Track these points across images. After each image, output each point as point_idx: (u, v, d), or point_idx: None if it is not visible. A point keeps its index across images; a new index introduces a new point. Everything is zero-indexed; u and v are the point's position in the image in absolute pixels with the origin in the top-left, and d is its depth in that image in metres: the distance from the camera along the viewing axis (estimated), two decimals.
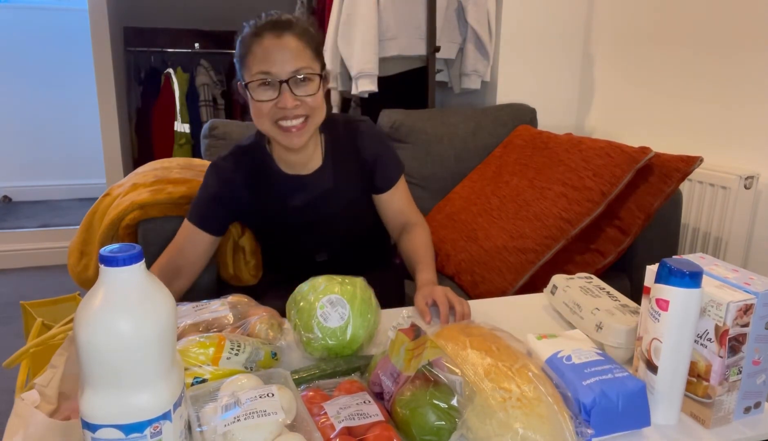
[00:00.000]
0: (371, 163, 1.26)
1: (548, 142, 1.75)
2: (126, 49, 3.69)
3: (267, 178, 1.23)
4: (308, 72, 1.08)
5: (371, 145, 1.26)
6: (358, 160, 1.26)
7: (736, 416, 0.78)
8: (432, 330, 0.82)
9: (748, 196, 1.65)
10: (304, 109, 1.10)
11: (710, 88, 1.79)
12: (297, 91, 1.08)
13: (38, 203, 4.11)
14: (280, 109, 1.08)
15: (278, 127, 1.11)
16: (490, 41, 2.19)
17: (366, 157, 1.26)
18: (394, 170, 1.29)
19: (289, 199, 1.24)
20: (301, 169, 1.23)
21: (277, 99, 1.08)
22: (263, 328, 0.89)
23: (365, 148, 1.26)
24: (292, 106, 1.08)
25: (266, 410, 0.65)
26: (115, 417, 0.57)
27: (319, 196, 1.24)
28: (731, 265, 0.82)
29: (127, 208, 1.29)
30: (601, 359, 0.78)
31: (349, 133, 1.26)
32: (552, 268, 1.48)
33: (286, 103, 1.07)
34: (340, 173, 1.25)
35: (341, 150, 1.25)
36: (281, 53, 1.06)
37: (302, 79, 1.08)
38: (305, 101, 1.09)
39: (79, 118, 4.12)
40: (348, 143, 1.26)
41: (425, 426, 0.68)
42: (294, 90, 1.07)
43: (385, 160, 1.27)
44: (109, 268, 0.56)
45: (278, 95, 1.08)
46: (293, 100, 1.07)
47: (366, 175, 1.27)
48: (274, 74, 1.07)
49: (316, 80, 1.10)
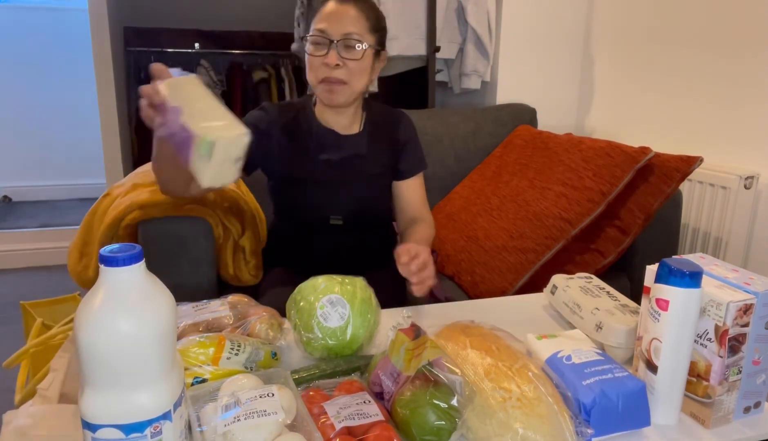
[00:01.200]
0: (402, 145, 1.36)
1: (548, 142, 1.75)
2: (126, 49, 3.68)
3: (306, 127, 1.31)
4: (358, 38, 1.19)
5: (407, 131, 1.38)
6: (392, 141, 1.36)
7: (736, 416, 0.79)
8: (432, 330, 0.82)
9: (748, 196, 1.65)
10: (346, 71, 1.19)
11: (710, 89, 1.79)
12: (343, 53, 1.18)
13: (38, 203, 4.11)
14: (325, 66, 1.19)
15: (321, 83, 1.21)
16: (490, 41, 2.19)
17: (399, 138, 1.36)
18: (418, 162, 1.39)
19: (321, 152, 1.30)
20: (340, 129, 1.32)
21: (325, 56, 1.18)
22: (263, 328, 0.89)
23: (401, 131, 1.37)
24: (334, 63, 1.18)
25: (266, 410, 0.65)
26: (115, 417, 0.57)
27: (349, 157, 1.31)
28: (731, 265, 0.82)
29: (127, 208, 1.29)
30: (601, 359, 0.78)
31: (391, 115, 1.39)
32: (552, 268, 1.48)
33: (330, 60, 1.18)
34: (373, 145, 1.33)
35: (380, 128, 1.36)
36: (339, 16, 1.18)
37: (351, 43, 1.18)
38: (347, 64, 1.19)
39: (79, 118, 4.12)
40: (387, 124, 1.37)
41: (425, 426, 0.68)
42: (341, 51, 1.18)
43: (414, 149, 1.38)
44: (109, 268, 0.56)
45: (326, 52, 1.18)
46: (336, 59, 1.18)
47: (395, 158, 1.36)
48: (327, 33, 1.18)
49: (363, 48, 1.19)
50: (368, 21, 1.21)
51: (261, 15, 3.95)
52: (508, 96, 2.25)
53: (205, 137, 0.79)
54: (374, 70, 1.27)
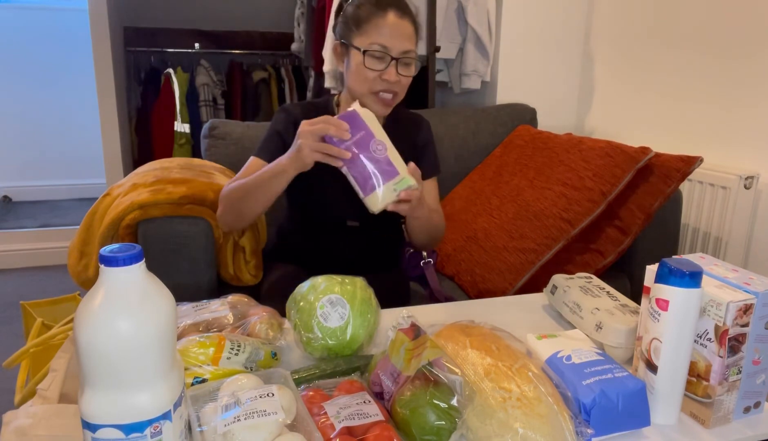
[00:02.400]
0: (421, 148, 1.38)
1: (548, 142, 1.75)
2: (126, 49, 3.68)
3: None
4: (414, 56, 1.23)
5: (426, 134, 1.41)
6: (412, 144, 1.37)
7: (736, 416, 0.79)
8: (432, 330, 0.82)
9: (748, 196, 1.65)
10: (399, 86, 1.23)
11: (710, 89, 1.79)
12: (401, 69, 1.21)
13: (38, 203, 4.11)
14: (384, 81, 1.20)
15: (374, 94, 1.23)
16: (490, 41, 2.19)
17: (419, 141, 1.39)
18: (433, 166, 1.40)
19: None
20: None
21: (383, 71, 1.20)
22: (263, 328, 0.89)
23: (421, 134, 1.40)
24: (394, 80, 1.21)
25: (266, 410, 0.65)
26: (115, 417, 0.57)
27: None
28: (731, 265, 0.82)
29: (127, 208, 1.29)
30: (601, 359, 0.78)
31: (412, 118, 1.42)
32: (552, 268, 1.48)
33: (390, 77, 1.20)
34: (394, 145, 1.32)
35: (401, 128, 1.35)
36: (399, 33, 1.20)
37: (409, 62, 1.22)
38: (401, 80, 1.22)
39: (79, 118, 4.11)
40: (408, 126, 1.39)
41: (425, 426, 0.68)
42: (399, 69, 1.21)
43: (431, 153, 1.41)
44: (109, 268, 0.56)
45: (385, 68, 1.20)
46: (395, 76, 1.21)
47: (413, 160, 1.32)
48: (390, 50, 1.19)
49: (417, 64, 1.25)
50: (417, 35, 1.26)
51: (261, 15, 3.95)
52: (508, 96, 2.25)
53: (406, 178, 1.03)
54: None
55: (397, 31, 1.20)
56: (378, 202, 1.01)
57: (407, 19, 1.22)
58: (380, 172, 1.02)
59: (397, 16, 1.21)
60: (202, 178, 1.42)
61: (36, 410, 0.69)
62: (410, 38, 1.22)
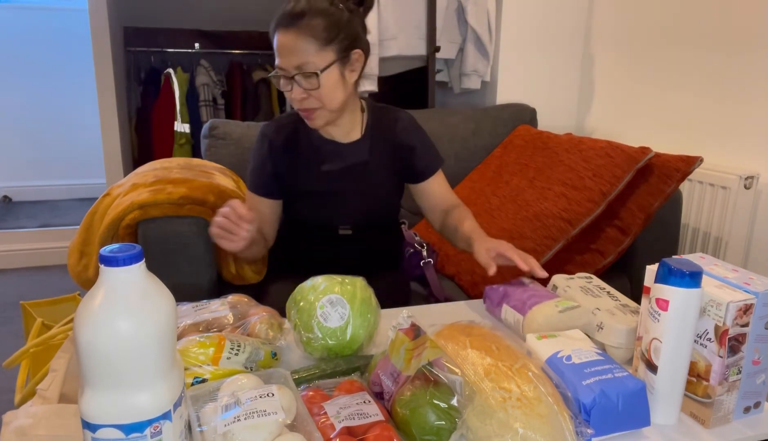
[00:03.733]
0: (408, 149, 1.32)
1: (548, 142, 1.75)
2: (126, 49, 3.68)
3: (306, 140, 1.29)
4: (312, 68, 1.12)
5: (410, 131, 1.34)
6: (395, 143, 1.32)
7: (736, 416, 0.79)
8: (432, 330, 0.82)
9: (748, 196, 1.65)
10: (312, 101, 1.16)
11: (710, 88, 1.79)
12: (304, 84, 1.14)
13: (38, 203, 4.11)
14: (294, 100, 1.16)
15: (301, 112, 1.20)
16: (490, 41, 2.19)
17: (403, 141, 1.32)
18: (435, 158, 1.36)
19: (324, 163, 1.28)
20: (340, 137, 1.29)
21: (291, 92, 1.15)
22: (263, 328, 0.89)
23: (404, 133, 1.33)
24: (299, 99, 1.15)
25: (266, 410, 0.65)
26: (115, 417, 0.57)
27: (352, 166, 1.29)
28: (731, 265, 0.82)
29: (127, 208, 1.29)
30: (601, 359, 0.78)
31: (391, 117, 1.34)
32: (552, 268, 1.48)
33: (294, 96, 1.15)
34: (375, 150, 1.30)
35: (381, 130, 1.32)
36: (286, 50, 1.12)
37: (307, 75, 1.12)
38: (311, 94, 1.14)
39: (79, 118, 4.11)
40: (388, 126, 1.33)
41: (425, 426, 0.68)
42: (302, 84, 1.14)
43: (426, 149, 1.34)
44: (109, 268, 0.56)
45: (290, 88, 1.15)
46: (300, 94, 1.14)
47: (401, 159, 1.33)
48: (284, 70, 1.14)
49: (319, 74, 1.12)
50: (317, 39, 1.11)
51: (261, 15, 3.94)
52: (508, 96, 2.25)
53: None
54: (350, 75, 1.19)
55: (285, 48, 1.12)
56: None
57: (293, 30, 1.11)
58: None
59: (282, 32, 1.12)
60: (202, 178, 1.42)
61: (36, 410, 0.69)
62: (301, 50, 1.11)
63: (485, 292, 1.11)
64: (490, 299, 1.09)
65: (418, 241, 1.60)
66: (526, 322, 0.96)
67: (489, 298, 1.09)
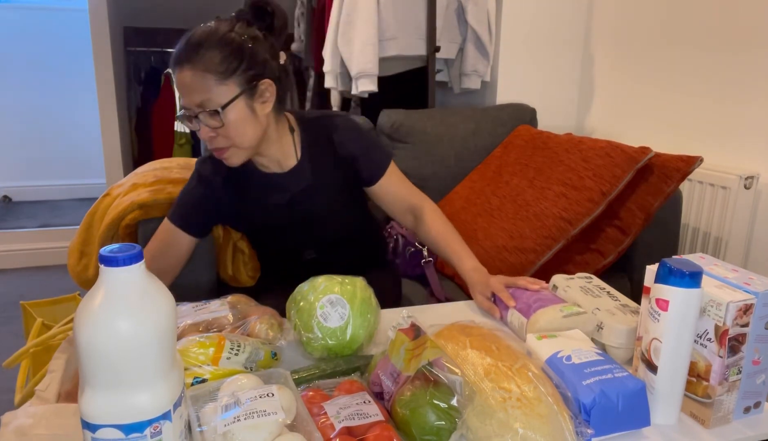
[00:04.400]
0: (351, 159, 1.23)
1: (548, 142, 1.75)
2: (126, 49, 3.68)
3: (246, 178, 1.21)
4: (213, 105, 1.02)
5: (348, 140, 1.23)
6: (336, 155, 1.23)
7: (736, 416, 0.79)
8: (432, 330, 0.82)
9: (748, 196, 1.64)
10: (221, 141, 1.06)
11: (710, 88, 1.79)
12: (209, 122, 1.04)
13: (38, 203, 4.11)
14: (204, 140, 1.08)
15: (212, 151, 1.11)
16: (490, 41, 2.19)
17: (343, 152, 1.23)
18: (380, 159, 1.26)
19: (269, 198, 1.22)
20: (276, 168, 1.21)
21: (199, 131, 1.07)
22: (263, 328, 0.89)
23: (342, 144, 1.23)
24: (207, 138, 1.06)
25: (266, 410, 0.65)
26: (115, 417, 0.57)
27: (298, 193, 1.22)
28: (731, 265, 0.82)
29: (127, 208, 1.29)
30: (601, 359, 0.78)
31: (325, 129, 1.23)
32: (552, 268, 1.48)
33: (202, 135, 1.07)
34: (318, 169, 1.22)
35: (318, 146, 1.22)
36: (185, 89, 1.03)
37: (210, 113, 1.03)
38: (219, 131, 1.05)
39: (79, 118, 4.12)
40: (325, 139, 1.23)
41: (425, 426, 0.68)
42: (207, 122, 1.04)
43: (369, 152, 1.24)
44: (109, 268, 0.56)
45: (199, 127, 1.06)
46: (207, 132, 1.05)
47: (346, 170, 1.24)
48: (188, 109, 1.05)
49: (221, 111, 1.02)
50: (215, 72, 1.01)
51: None
52: (508, 96, 2.25)
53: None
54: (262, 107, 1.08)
55: (183, 86, 1.03)
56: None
57: (188, 65, 1.02)
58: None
59: (179, 69, 1.03)
60: None
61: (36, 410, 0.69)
62: (198, 88, 1.01)
63: (494, 296, 1.11)
64: (498, 302, 1.09)
65: (418, 241, 1.60)
66: (529, 325, 0.96)
67: (497, 301, 1.09)
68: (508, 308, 1.04)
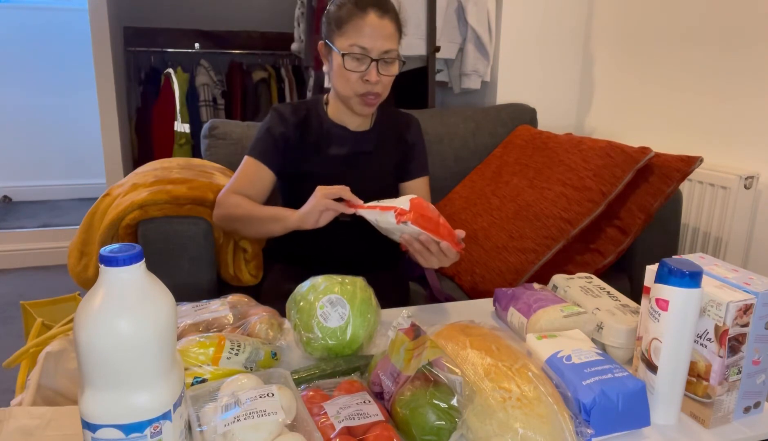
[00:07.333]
0: (411, 145, 1.40)
1: (548, 142, 1.75)
2: (126, 49, 3.68)
3: (316, 123, 1.34)
4: (395, 55, 1.22)
5: (417, 134, 1.42)
6: (401, 140, 1.39)
7: (736, 416, 0.79)
8: (432, 330, 0.82)
9: (748, 196, 1.65)
10: (381, 86, 1.23)
11: (710, 88, 1.79)
12: (382, 69, 1.21)
13: (38, 203, 4.10)
14: (365, 82, 1.21)
15: (357, 95, 1.23)
16: (490, 41, 2.19)
17: (406, 138, 1.40)
18: (425, 164, 1.43)
19: (330, 148, 1.32)
20: (351, 126, 1.34)
21: (364, 73, 1.20)
22: (263, 328, 0.89)
23: (410, 133, 1.41)
24: (375, 81, 1.21)
25: (266, 410, 0.65)
26: (115, 417, 0.57)
27: (358, 153, 1.34)
28: (731, 265, 0.82)
29: (127, 208, 1.29)
30: (601, 359, 0.78)
31: (405, 117, 1.43)
32: (552, 268, 1.48)
33: (371, 78, 1.20)
34: (381, 143, 1.36)
35: (389, 127, 1.39)
36: (380, 34, 1.19)
37: (390, 61, 1.21)
38: (383, 79, 1.22)
39: (79, 118, 4.11)
40: (397, 125, 1.40)
41: (425, 426, 0.68)
42: (380, 69, 1.21)
43: (424, 152, 1.43)
44: (109, 268, 0.56)
45: (366, 69, 1.20)
46: (376, 77, 1.20)
47: (402, 156, 1.39)
48: (369, 51, 1.19)
49: (397, 64, 1.23)
50: (399, 32, 1.24)
51: (261, 15, 3.95)
52: (508, 96, 2.25)
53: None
54: None
55: (377, 31, 1.18)
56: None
57: (387, 17, 1.20)
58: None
59: (377, 15, 1.19)
60: (202, 178, 1.42)
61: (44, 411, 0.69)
62: (390, 37, 1.20)
63: (495, 295, 1.11)
64: (499, 302, 1.09)
65: None
66: (529, 325, 0.96)
67: (498, 300, 1.09)
68: (508, 307, 1.04)
